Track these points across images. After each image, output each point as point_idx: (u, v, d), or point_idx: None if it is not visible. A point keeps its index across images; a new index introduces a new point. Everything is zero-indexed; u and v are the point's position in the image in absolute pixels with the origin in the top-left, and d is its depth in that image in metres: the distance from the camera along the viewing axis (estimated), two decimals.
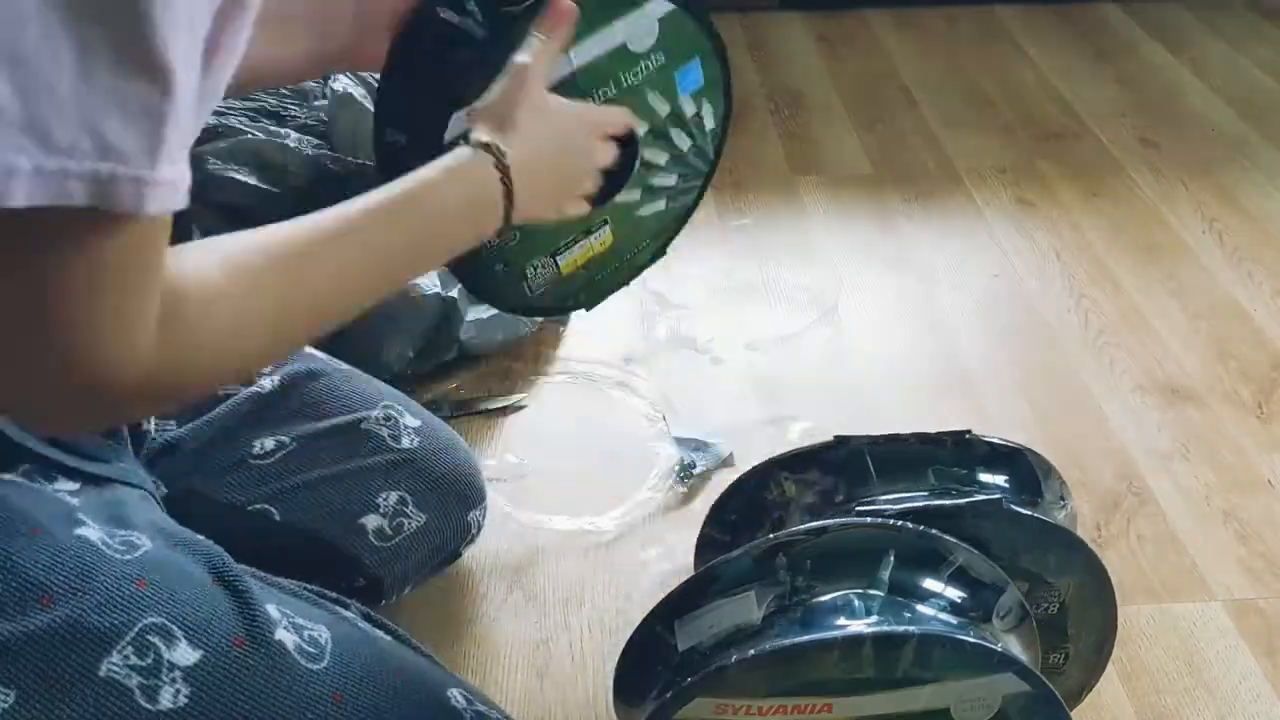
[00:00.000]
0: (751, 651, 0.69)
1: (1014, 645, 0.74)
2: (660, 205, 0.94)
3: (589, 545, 1.10)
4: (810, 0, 2.24)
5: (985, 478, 0.84)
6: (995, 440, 0.86)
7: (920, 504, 0.79)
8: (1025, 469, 0.85)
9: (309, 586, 0.77)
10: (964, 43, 2.16)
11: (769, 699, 0.70)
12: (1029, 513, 0.79)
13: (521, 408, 1.27)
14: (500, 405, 1.26)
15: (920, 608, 0.72)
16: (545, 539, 1.11)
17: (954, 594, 0.73)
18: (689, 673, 0.72)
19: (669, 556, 1.08)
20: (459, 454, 0.96)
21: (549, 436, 1.23)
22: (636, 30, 0.84)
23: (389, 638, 0.76)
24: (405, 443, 0.92)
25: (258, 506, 0.86)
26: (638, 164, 0.89)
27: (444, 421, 0.99)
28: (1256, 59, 2.09)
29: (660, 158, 0.91)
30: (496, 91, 0.76)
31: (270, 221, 0.62)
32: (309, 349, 0.96)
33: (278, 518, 0.86)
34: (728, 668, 0.69)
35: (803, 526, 0.76)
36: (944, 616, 0.72)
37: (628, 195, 0.90)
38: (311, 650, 0.68)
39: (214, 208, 1.26)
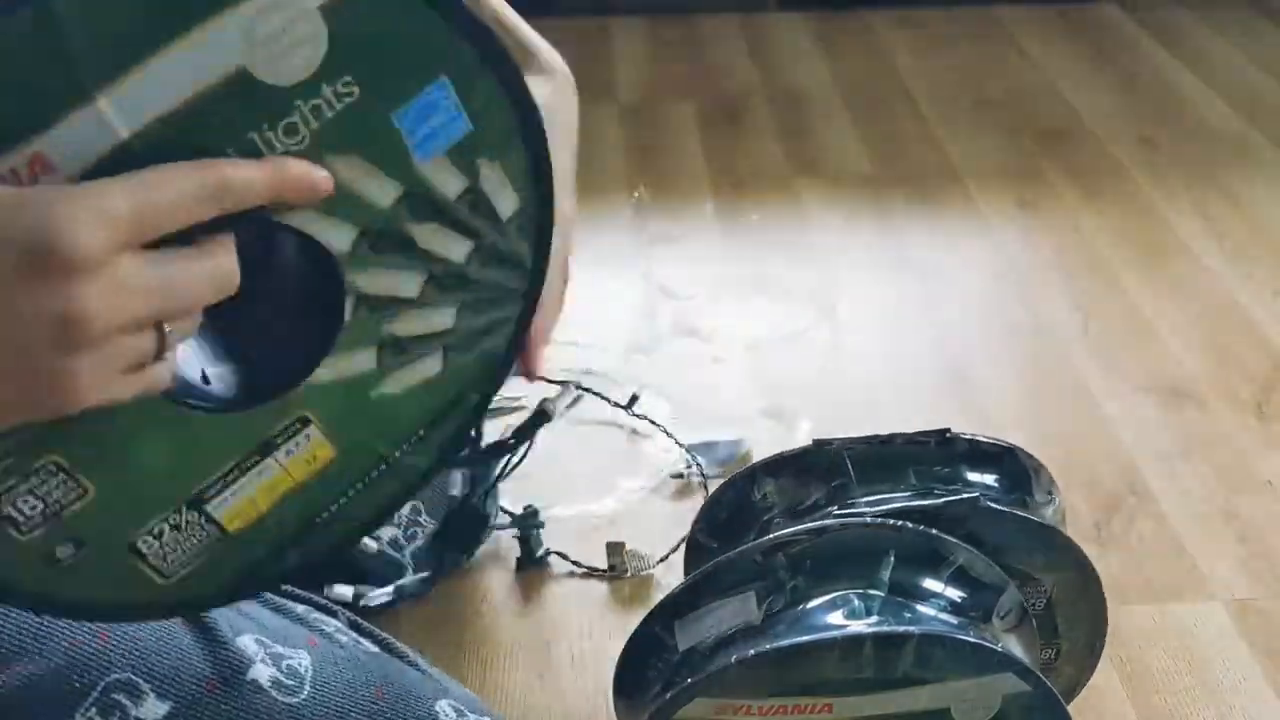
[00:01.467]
0: (751, 651, 0.69)
1: (1014, 645, 0.74)
2: (429, 367, 0.52)
3: (589, 545, 1.10)
4: (810, 0, 2.24)
5: (974, 476, 0.84)
6: (980, 439, 0.86)
7: (899, 504, 0.79)
8: (1015, 467, 0.85)
9: (294, 593, 0.75)
10: (964, 43, 2.15)
11: (769, 699, 0.70)
12: (1007, 510, 0.79)
13: (520, 408, 1.27)
14: (498, 406, 1.26)
15: (920, 608, 0.72)
16: (546, 539, 1.10)
17: (954, 594, 0.73)
18: (689, 673, 0.72)
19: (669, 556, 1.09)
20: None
21: (549, 440, 1.23)
22: (261, 36, 0.41)
23: (375, 649, 0.75)
24: None
25: None
26: (346, 304, 0.48)
27: None
28: (1256, 59, 2.09)
29: (403, 285, 0.49)
30: None
31: None
32: None
33: None
34: (728, 668, 0.69)
35: (803, 526, 0.76)
36: (944, 616, 0.72)
37: (340, 365, 0.49)
38: (290, 682, 0.66)
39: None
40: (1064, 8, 2.28)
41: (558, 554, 1.06)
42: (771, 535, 0.75)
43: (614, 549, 1.06)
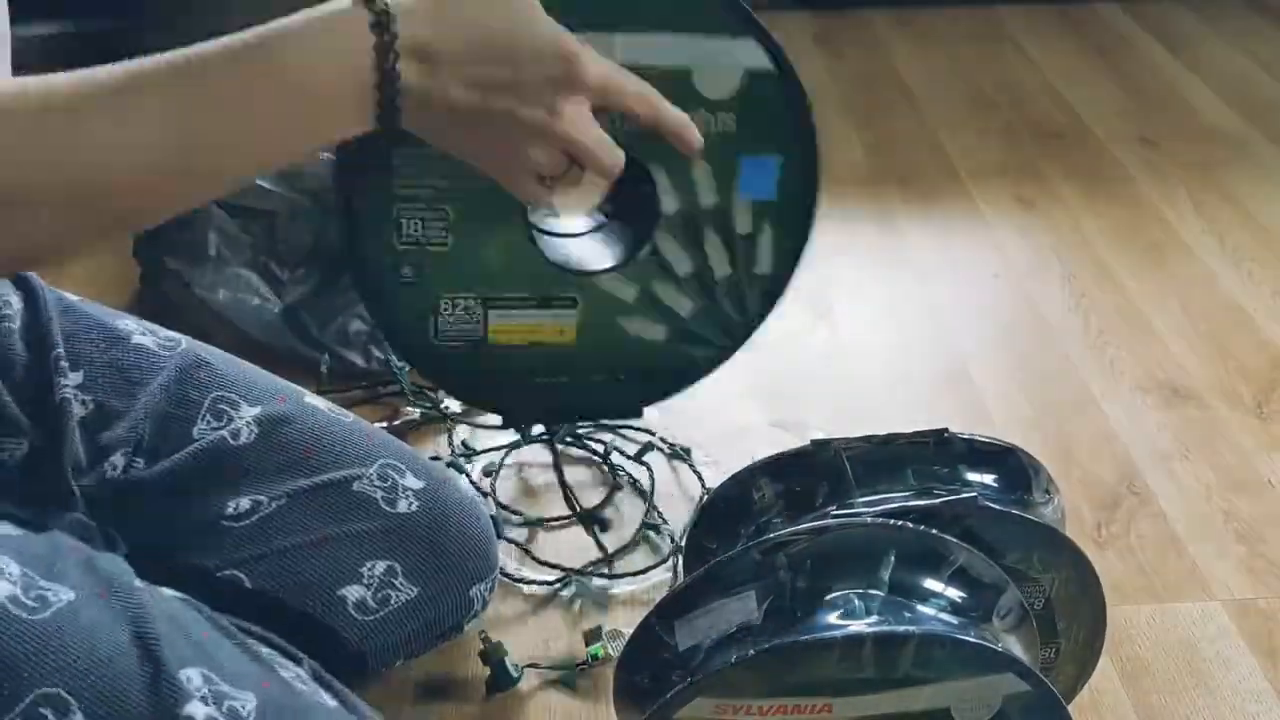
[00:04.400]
0: (751, 651, 0.69)
1: (1014, 645, 0.74)
2: (656, 332, 0.70)
3: (587, 543, 1.10)
4: (810, 0, 2.24)
5: (972, 476, 0.84)
6: (978, 438, 0.86)
7: (896, 505, 0.79)
8: (1013, 466, 0.85)
9: (259, 633, 0.72)
10: (964, 43, 2.15)
11: (769, 699, 0.70)
12: (1005, 509, 0.79)
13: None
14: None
15: (920, 607, 0.72)
16: (545, 537, 1.11)
17: (954, 594, 0.73)
18: (689, 673, 0.72)
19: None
20: (468, 521, 0.87)
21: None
22: (712, 65, 0.64)
23: (333, 703, 0.71)
24: (402, 506, 0.83)
25: (227, 573, 0.79)
26: (655, 228, 0.66)
27: (458, 477, 0.90)
28: (1256, 59, 2.09)
29: (681, 264, 0.69)
30: None
31: (290, 227, 0.59)
32: (305, 390, 0.89)
33: (248, 585, 0.79)
34: (728, 668, 0.69)
35: (803, 526, 0.76)
36: (944, 616, 0.72)
37: (617, 284, 0.68)
38: None
39: (229, 209, 1.26)
40: (1064, 7, 2.28)
41: (529, 667, 0.97)
42: (771, 535, 0.75)
43: (591, 636, 0.98)
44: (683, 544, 1.05)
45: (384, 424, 1.20)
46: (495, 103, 0.58)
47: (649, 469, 1.17)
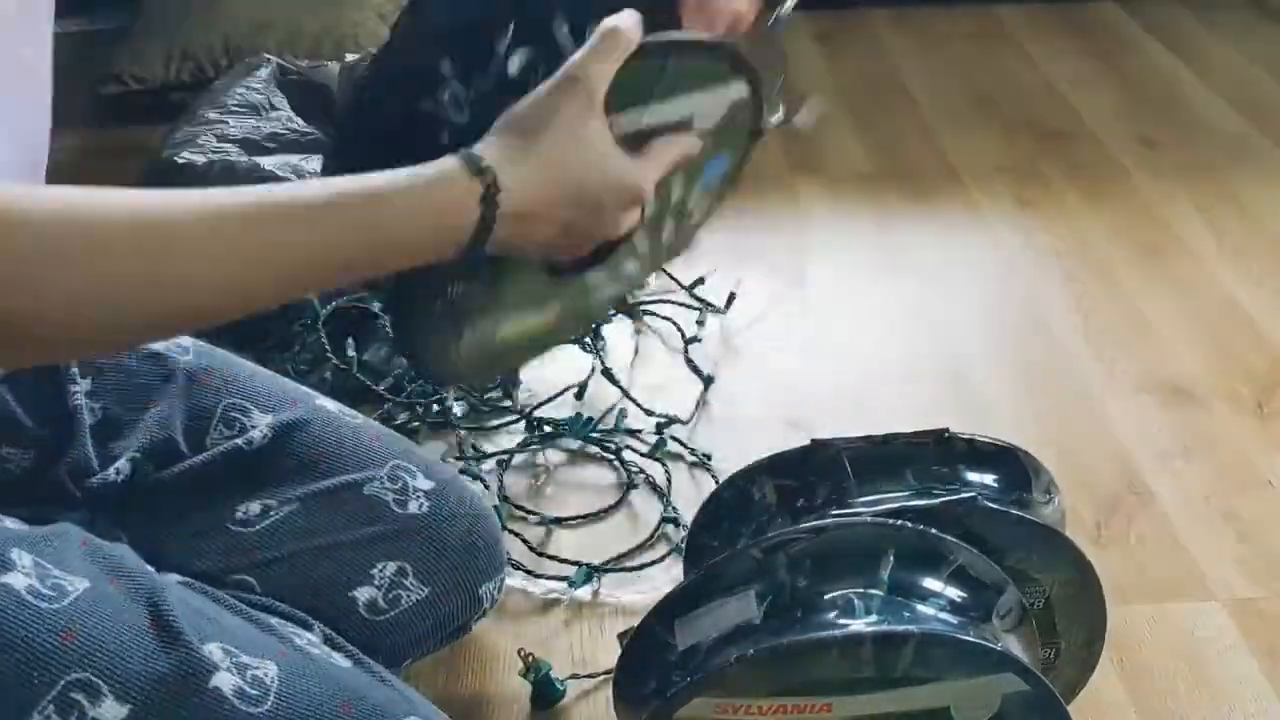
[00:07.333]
0: (751, 651, 0.69)
1: (1014, 645, 0.74)
2: (612, 292, 0.80)
3: (600, 543, 1.10)
4: (810, 0, 2.24)
5: (973, 476, 0.84)
6: (978, 438, 0.86)
7: (896, 504, 0.79)
8: (1014, 467, 0.85)
9: (263, 603, 0.74)
10: (964, 43, 2.15)
11: (769, 698, 0.70)
12: (1005, 509, 0.79)
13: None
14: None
15: (920, 607, 0.72)
16: (556, 533, 1.11)
17: (954, 593, 0.74)
18: (689, 673, 0.72)
19: (670, 556, 1.09)
20: (477, 520, 0.87)
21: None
22: (708, 107, 0.72)
23: (348, 663, 0.72)
24: (412, 508, 0.84)
25: (236, 577, 0.79)
26: (633, 241, 0.73)
27: (466, 481, 0.90)
28: (1256, 59, 2.09)
29: (643, 244, 0.76)
30: (530, 101, 0.63)
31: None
32: (314, 393, 0.90)
33: (258, 590, 0.79)
34: (728, 668, 0.69)
35: (803, 526, 0.76)
36: (944, 616, 0.72)
37: (600, 274, 0.75)
38: (253, 692, 0.64)
39: None
40: (1064, 8, 2.28)
41: (570, 678, 0.97)
42: (771, 534, 0.75)
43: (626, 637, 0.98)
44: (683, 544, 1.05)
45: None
46: (572, 236, 0.65)
47: (664, 465, 1.18)
